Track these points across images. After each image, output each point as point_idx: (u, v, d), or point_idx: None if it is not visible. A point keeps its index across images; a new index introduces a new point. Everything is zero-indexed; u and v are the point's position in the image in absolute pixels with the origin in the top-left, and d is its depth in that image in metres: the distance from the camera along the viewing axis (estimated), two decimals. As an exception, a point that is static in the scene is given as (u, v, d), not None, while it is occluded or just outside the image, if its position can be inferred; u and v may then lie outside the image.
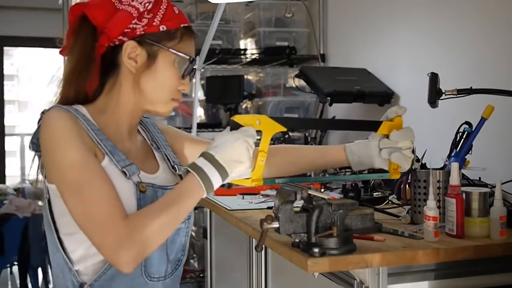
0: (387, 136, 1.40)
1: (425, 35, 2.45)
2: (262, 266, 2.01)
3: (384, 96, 2.67)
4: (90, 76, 1.26)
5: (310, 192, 1.27)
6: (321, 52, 3.37)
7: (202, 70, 3.28)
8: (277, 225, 1.25)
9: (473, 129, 1.71)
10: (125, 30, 1.25)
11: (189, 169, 1.19)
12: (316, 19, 3.40)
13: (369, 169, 1.52)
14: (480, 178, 1.79)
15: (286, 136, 2.83)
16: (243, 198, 2.11)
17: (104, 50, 1.27)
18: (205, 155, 1.20)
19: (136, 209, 1.21)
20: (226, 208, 1.96)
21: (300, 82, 3.08)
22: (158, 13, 1.27)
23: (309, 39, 3.55)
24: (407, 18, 2.58)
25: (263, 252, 1.99)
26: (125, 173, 1.22)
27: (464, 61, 2.21)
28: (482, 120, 1.69)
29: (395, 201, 1.84)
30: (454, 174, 1.44)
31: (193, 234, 3.57)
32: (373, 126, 1.42)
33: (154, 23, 1.26)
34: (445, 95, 1.76)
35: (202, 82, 3.41)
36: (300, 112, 3.44)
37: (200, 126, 3.28)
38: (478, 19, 2.16)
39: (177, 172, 1.37)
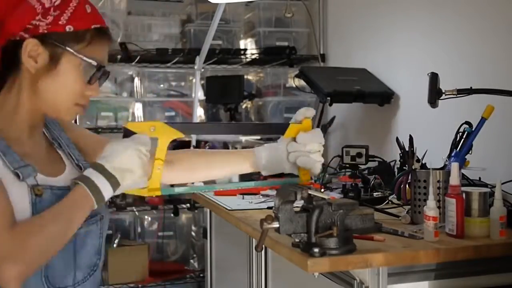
0: (295, 139, 1.32)
1: (425, 35, 2.45)
2: (262, 266, 2.01)
3: (384, 96, 2.67)
4: None
5: (310, 192, 1.26)
6: (321, 52, 3.36)
7: (202, 70, 3.28)
8: (277, 225, 1.24)
9: (473, 129, 1.71)
10: (27, 26, 1.15)
11: (77, 180, 1.12)
12: (316, 19, 3.40)
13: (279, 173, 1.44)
14: (480, 178, 1.79)
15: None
16: (243, 198, 2.11)
17: (4, 43, 1.17)
18: (94, 165, 1.14)
19: (30, 213, 1.12)
20: (226, 208, 1.96)
21: (300, 82, 3.08)
22: (66, 11, 1.15)
23: (309, 39, 3.54)
24: (407, 18, 2.58)
25: (263, 252, 1.99)
26: (18, 175, 1.12)
27: (464, 61, 2.21)
28: (482, 120, 1.70)
29: (395, 201, 1.84)
30: (454, 174, 1.44)
31: (193, 234, 3.57)
32: (280, 129, 1.34)
33: (60, 22, 1.15)
34: (445, 95, 1.76)
35: (202, 82, 3.40)
36: (300, 112, 3.43)
37: (200, 126, 3.28)
38: (478, 19, 2.15)
39: (82, 170, 1.27)
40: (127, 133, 1.19)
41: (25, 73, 1.18)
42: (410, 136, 1.73)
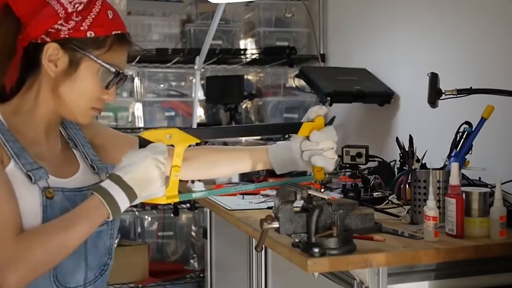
0: (308, 138, 1.32)
1: (425, 35, 2.45)
2: (262, 266, 2.01)
3: (384, 96, 2.67)
4: (8, 68, 1.17)
5: (310, 192, 1.26)
6: (321, 52, 3.36)
7: (202, 70, 3.28)
8: (277, 225, 1.24)
9: (473, 129, 1.71)
10: (49, 30, 1.16)
11: (94, 192, 1.11)
12: (316, 19, 3.40)
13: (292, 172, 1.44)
14: (480, 178, 1.79)
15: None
16: (243, 198, 2.11)
17: (26, 44, 1.17)
18: (111, 177, 1.13)
19: (41, 216, 1.13)
20: (226, 208, 1.96)
21: (300, 82, 3.08)
22: (88, 17, 1.17)
23: (309, 39, 3.54)
24: (407, 18, 2.58)
25: (263, 252, 1.99)
26: (30, 178, 1.13)
27: (464, 61, 2.21)
28: (482, 120, 1.69)
29: (395, 201, 1.84)
30: (454, 174, 1.44)
31: (193, 234, 3.57)
32: (293, 128, 1.35)
33: (82, 28, 1.16)
34: (445, 95, 1.76)
35: (202, 82, 3.41)
36: (300, 112, 3.44)
37: (200, 126, 3.28)
38: (478, 19, 2.15)
39: (96, 171, 1.30)
40: (143, 143, 1.18)
41: (44, 76, 1.19)
42: (410, 136, 1.73)
